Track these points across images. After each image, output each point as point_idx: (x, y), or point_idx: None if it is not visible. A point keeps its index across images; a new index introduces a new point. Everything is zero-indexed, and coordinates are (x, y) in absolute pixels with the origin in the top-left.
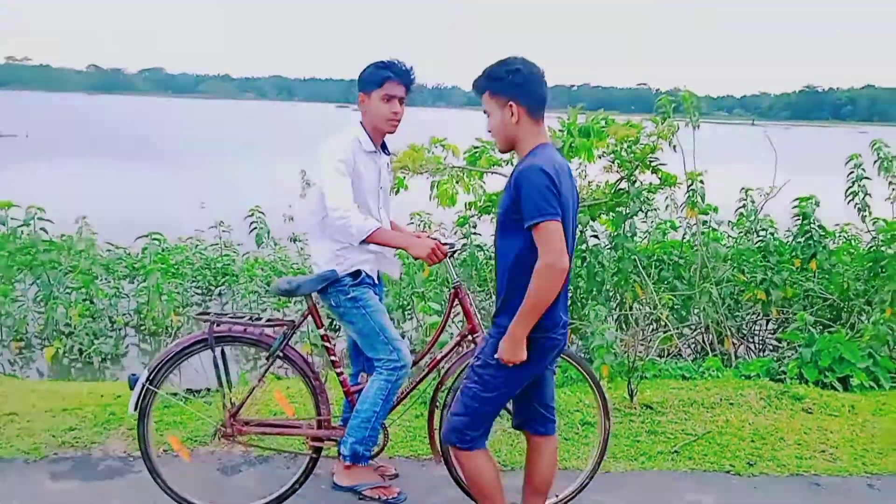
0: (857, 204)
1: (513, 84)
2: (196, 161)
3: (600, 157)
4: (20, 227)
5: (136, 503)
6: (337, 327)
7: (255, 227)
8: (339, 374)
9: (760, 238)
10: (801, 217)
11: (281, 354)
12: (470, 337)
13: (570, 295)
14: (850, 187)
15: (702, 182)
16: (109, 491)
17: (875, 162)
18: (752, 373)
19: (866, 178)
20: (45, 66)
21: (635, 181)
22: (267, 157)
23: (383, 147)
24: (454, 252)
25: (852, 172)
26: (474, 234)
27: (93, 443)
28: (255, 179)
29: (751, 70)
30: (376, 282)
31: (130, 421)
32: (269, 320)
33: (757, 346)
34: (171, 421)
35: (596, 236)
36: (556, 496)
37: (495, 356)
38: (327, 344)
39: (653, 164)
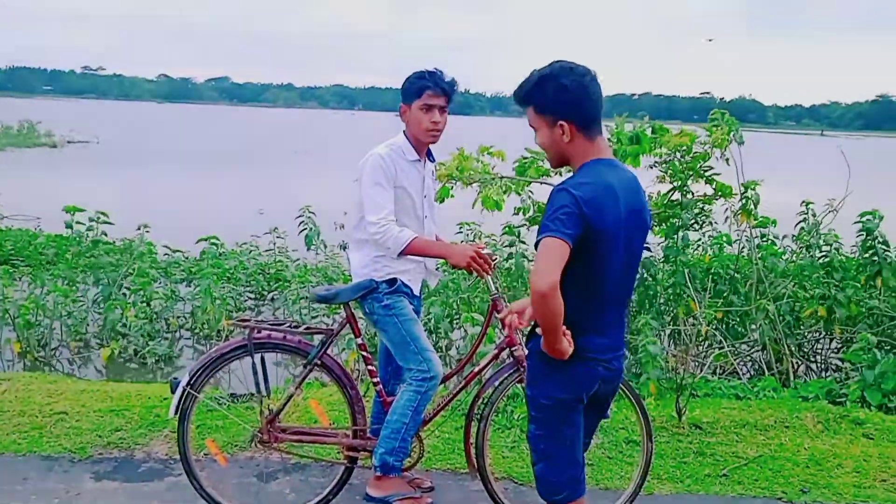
0: None
1: (560, 103)
2: (256, 168)
3: (652, 167)
4: (86, 230)
5: None
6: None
7: (305, 228)
8: (375, 384)
9: (824, 254)
10: (864, 233)
11: (318, 362)
12: (508, 350)
13: (626, 320)
14: None
15: (755, 189)
16: (148, 492)
17: None
18: (810, 394)
19: None
20: (118, 76)
21: (688, 192)
22: (325, 164)
23: (428, 154)
24: (494, 262)
25: None
26: (521, 242)
27: (136, 444)
28: (313, 187)
29: (821, 78)
30: (416, 293)
31: (174, 423)
32: (307, 328)
33: (819, 366)
34: (214, 425)
35: (648, 248)
36: None
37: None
38: (365, 353)
39: (706, 173)
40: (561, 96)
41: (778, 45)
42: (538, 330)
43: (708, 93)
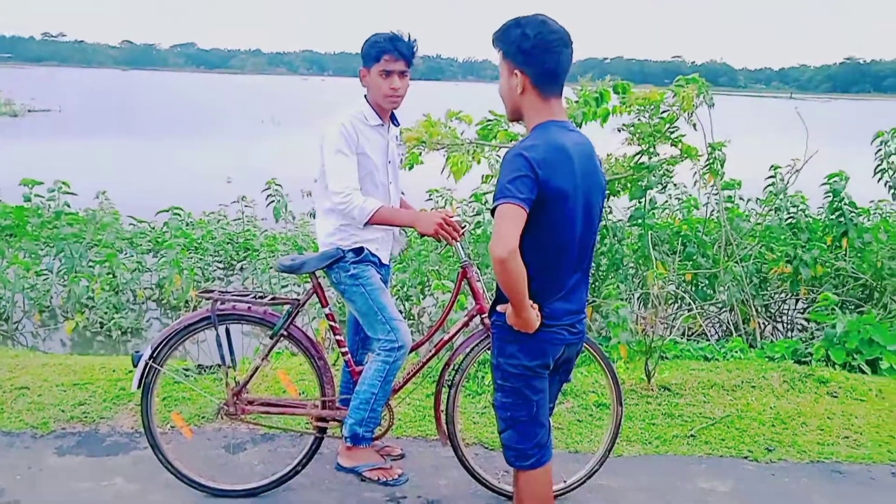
0: (887, 181)
1: (519, 51)
2: (224, 136)
3: (620, 130)
4: (47, 201)
5: (138, 479)
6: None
7: (273, 201)
8: (343, 354)
9: (790, 215)
10: (831, 194)
11: (285, 333)
12: (479, 317)
13: (587, 283)
14: (878, 165)
15: (721, 150)
16: (113, 466)
17: None
18: (776, 354)
19: None
20: (80, 42)
21: (654, 154)
22: (295, 131)
23: (392, 118)
24: (463, 229)
25: (880, 150)
26: (489, 209)
27: (101, 418)
28: (282, 154)
29: (790, 41)
30: (383, 262)
31: (139, 396)
32: (273, 298)
33: (785, 326)
34: (180, 397)
35: (611, 212)
36: (565, 481)
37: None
38: (332, 323)
39: (672, 135)
40: (520, 44)
41: (748, 7)
42: (500, 307)
43: (679, 56)
